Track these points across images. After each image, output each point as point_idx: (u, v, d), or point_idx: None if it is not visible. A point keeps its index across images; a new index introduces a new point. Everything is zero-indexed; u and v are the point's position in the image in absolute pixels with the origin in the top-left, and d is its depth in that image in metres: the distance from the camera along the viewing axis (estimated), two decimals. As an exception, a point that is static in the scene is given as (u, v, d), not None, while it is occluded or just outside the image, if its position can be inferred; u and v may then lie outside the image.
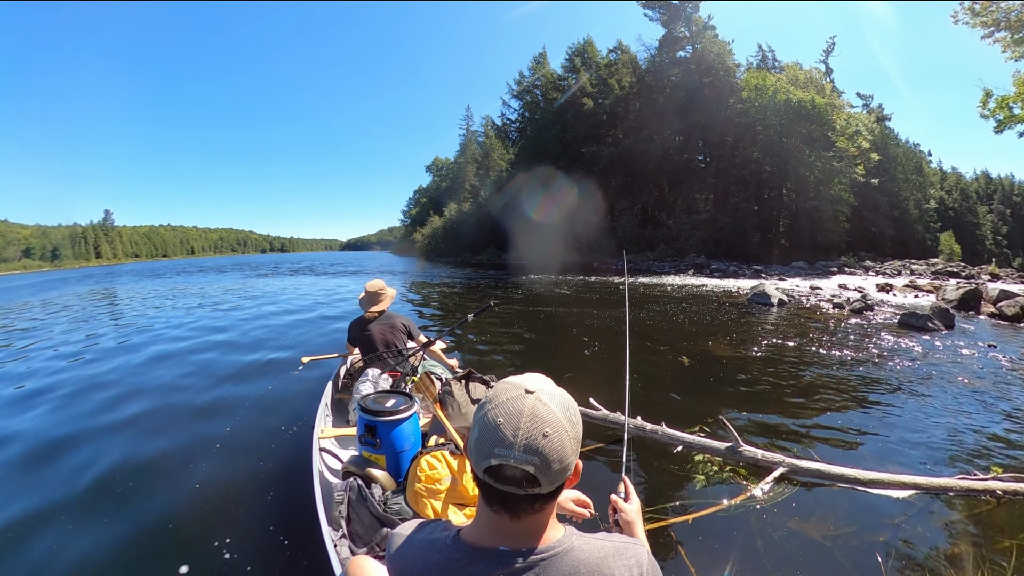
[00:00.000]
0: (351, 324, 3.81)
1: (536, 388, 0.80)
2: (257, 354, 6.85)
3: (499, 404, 0.78)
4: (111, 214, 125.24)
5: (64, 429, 4.21)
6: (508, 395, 0.80)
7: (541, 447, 0.74)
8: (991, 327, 8.88)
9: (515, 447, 0.74)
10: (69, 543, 2.54)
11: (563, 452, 0.76)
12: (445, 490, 2.11)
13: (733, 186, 33.41)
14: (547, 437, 0.75)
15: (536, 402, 0.78)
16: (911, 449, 3.57)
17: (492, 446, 0.75)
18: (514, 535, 0.81)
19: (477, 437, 0.78)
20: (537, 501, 0.78)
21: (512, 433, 0.74)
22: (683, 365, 6.01)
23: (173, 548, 2.47)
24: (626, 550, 0.85)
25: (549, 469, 0.74)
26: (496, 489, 0.77)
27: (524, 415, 0.76)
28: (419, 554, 0.86)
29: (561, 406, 0.80)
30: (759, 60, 40.58)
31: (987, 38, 14.88)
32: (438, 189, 63.55)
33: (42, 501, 2.96)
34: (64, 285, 28.45)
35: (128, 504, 2.89)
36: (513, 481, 0.75)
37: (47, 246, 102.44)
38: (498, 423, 0.76)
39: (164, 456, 3.55)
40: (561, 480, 0.78)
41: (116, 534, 2.60)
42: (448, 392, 2.65)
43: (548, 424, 0.76)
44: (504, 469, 0.74)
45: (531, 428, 0.75)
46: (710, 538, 2.48)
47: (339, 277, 25.80)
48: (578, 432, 0.81)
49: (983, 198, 61.29)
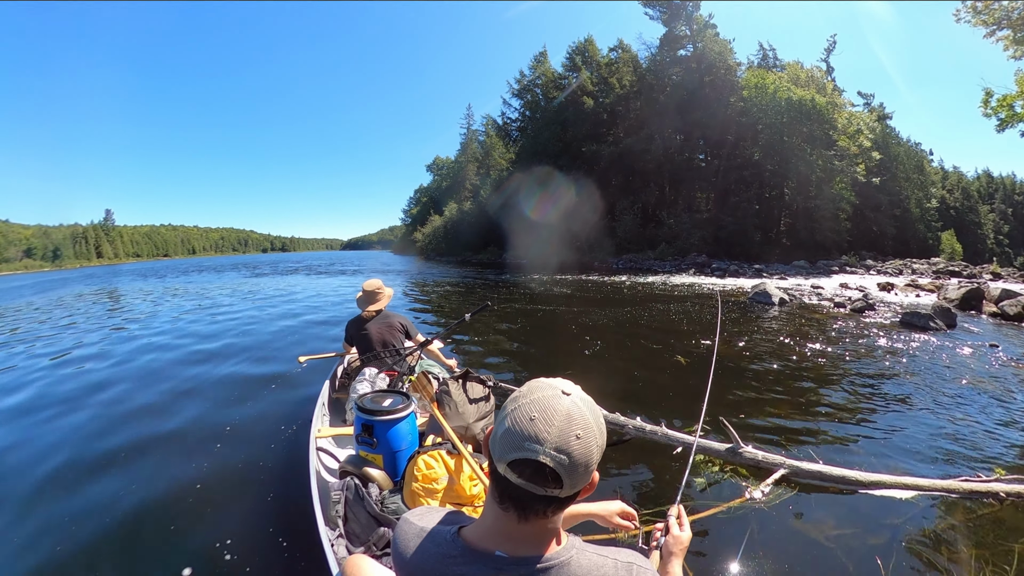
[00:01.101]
0: (348, 323, 3.80)
1: (572, 391, 0.81)
2: (254, 354, 6.84)
3: (534, 400, 0.78)
4: (112, 214, 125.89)
5: (59, 430, 4.20)
6: (543, 393, 0.79)
7: (572, 448, 0.74)
8: (993, 326, 8.85)
9: (547, 444, 0.73)
10: (74, 542, 2.52)
11: (590, 457, 0.76)
12: (442, 490, 2.10)
13: (734, 185, 33.36)
14: (579, 439, 0.75)
15: (572, 404, 0.78)
16: (912, 450, 3.54)
17: (523, 440, 0.74)
18: (516, 539, 0.80)
19: (506, 429, 0.77)
20: (551, 504, 0.78)
21: (546, 429, 0.74)
22: (683, 365, 5.98)
23: (175, 548, 2.46)
24: (628, 568, 0.82)
25: (575, 471, 0.74)
26: (514, 485, 0.76)
27: (560, 414, 0.76)
28: (418, 542, 0.86)
29: (593, 413, 0.80)
30: (760, 59, 40.50)
31: (989, 37, 14.86)
32: (439, 188, 63.50)
33: (47, 502, 2.95)
34: (65, 285, 28.51)
35: (128, 504, 2.88)
36: (536, 478, 0.74)
37: (48, 246, 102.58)
38: (533, 417, 0.75)
39: (166, 455, 3.55)
40: (581, 486, 0.78)
41: (118, 533, 2.60)
42: (445, 392, 2.64)
43: (581, 427, 0.76)
44: (529, 465, 0.74)
45: (566, 428, 0.75)
46: (710, 540, 2.46)
47: (337, 276, 25.80)
48: (604, 442, 0.81)
49: (985, 197, 61.17)
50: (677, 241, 32.17)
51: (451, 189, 56.73)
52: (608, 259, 32.32)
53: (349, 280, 22.57)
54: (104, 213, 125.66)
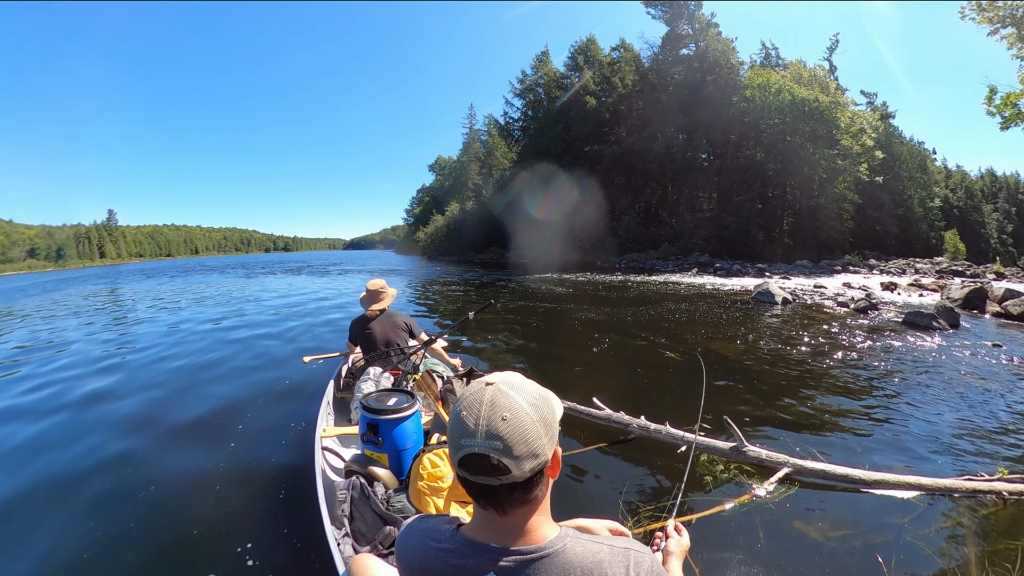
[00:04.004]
0: (352, 323, 3.81)
1: (496, 380, 0.84)
2: (257, 353, 6.87)
3: (463, 400, 0.83)
4: (115, 214, 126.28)
5: (82, 431, 4.23)
6: (471, 390, 0.84)
7: (500, 431, 0.76)
8: (996, 326, 8.82)
9: (477, 434, 0.77)
10: (101, 548, 2.51)
11: (525, 434, 0.77)
12: (447, 488, 2.11)
13: (737, 184, 33.27)
14: (506, 421, 0.77)
15: (495, 391, 0.81)
16: (915, 449, 3.54)
17: (459, 437, 0.79)
18: (505, 532, 0.82)
19: (448, 434, 0.83)
20: (516, 491, 0.79)
21: (474, 422, 0.78)
22: (686, 364, 5.98)
23: (190, 550, 2.48)
24: (625, 554, 0.83)
25: (512, 452, 0.76)
26: (473, 483, 0.80)
27: (484, 404, 0.80)
28: (420, 541, 0.89)
29: (523, 392, 0.82)
30: (762, 58, 40.43)
31: (993, 34, 14.78)
32: (441, 188, 63.55)
33: (73, 507, 2.92)
34: (69, 285, 28.61)
35: (137, 508, 2.91)
36: (483, 470, 0.77)
37: (52, 246, 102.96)
38: (461, 415, 0.80)
39: (180, 456, 3.55)
40: (531, 465, 0.78)
41: (140, 538, 2.59)
42: (450, 390, 2.65)
43: (506, 409, 0.79)
44: (473, 459, 0.77)
45: (490, 414, 0.78)
46: (714, 538, 2.47)
47: (338, 277, 25.83)
48: (544, 416, 0.82)
49: (988, 196, 60.86)
50: (680, 240, 32.13)
51: (453, 189, 56.78)
52: (611, 258, 32.30)
53: (352, 280, 22.61)
54: (107, 213, 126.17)
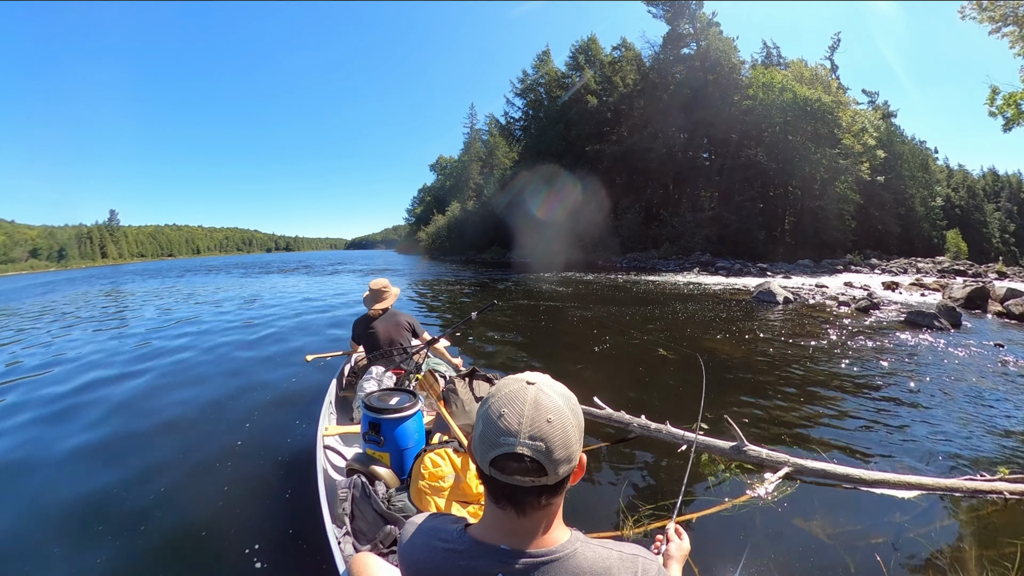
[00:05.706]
0: (355, 322, 3.82)
1: (537, 380, 0.83)
2: (260, 352, 6.88)
3: (502, 396, 0.81)
4: (116, 214, 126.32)
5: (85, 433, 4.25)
6: (509, 388, 0.82)
7: (545, 433, 0.76)
8: (998, 326, 8.81)
9: (520, 434, 0.75)
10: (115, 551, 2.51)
11: (567, 438, 0.78)
12: (449, 488, 2.12)
13: (738, 184, 33.19)
14: (551, 423, 0.77)
15: (538, 392, 0.80)
16: (916, 449, 3.54)
17: (498, 435, 0.76)
18: (519, 533, 0.81)
19: (482, 430, 0.80)
20: (544, 494, 0.78)
21: (517, 421, 0.76)
22: (686, 363, 5.98)
23: (197, 548, 2.49)
24: (634, 561, 0.83)
25: (553, 455, 0.75)
26: (502, 484, 0.77)
27: (528, 403, 0.78)
28: (425, 541, 0.88)
29: (562, 396, 0.82)
30: (764, 57, 40.27)
31: (995, 33, 14.71)
32: (442, 188, 63.58)
33: (85, 508, 2.90)
34: (72, 285, 28.68)
35: (150, 506, 2.92)
36: (519, 471, 0.75)
37: (53, 246, 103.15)
38: (503, 412, 0.78)
39: (182, 457, 3.55)
40: (566, 469, 0.78)
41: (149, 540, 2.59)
42: (452, 390, 2.66)
43: (551, 411, 0.78)
44: (511, 459, 0.75)
45: (535, 415, 0.77)
46: (714, 537, 2.47)
47: (336, 276, 25.86)
48: (580, 422, 0.82)
49: (990, 196, 60.70)
50: (681, 240, 32.08)
51: (455, 188, 56.76)
52: (612, 258, 32.27)
53: (352, 280, 22.63)
54: (109, 213, 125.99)
